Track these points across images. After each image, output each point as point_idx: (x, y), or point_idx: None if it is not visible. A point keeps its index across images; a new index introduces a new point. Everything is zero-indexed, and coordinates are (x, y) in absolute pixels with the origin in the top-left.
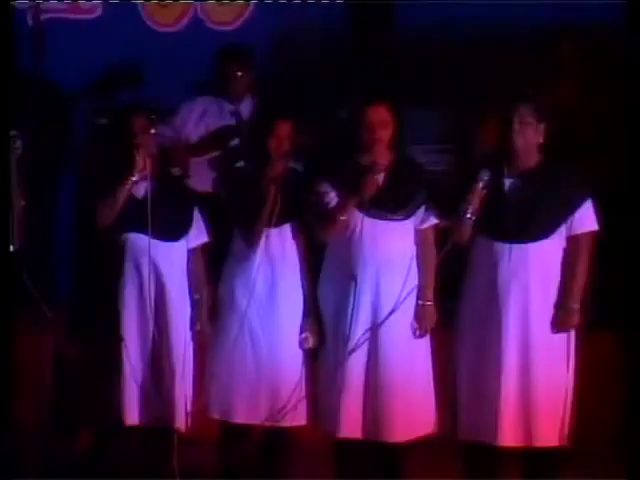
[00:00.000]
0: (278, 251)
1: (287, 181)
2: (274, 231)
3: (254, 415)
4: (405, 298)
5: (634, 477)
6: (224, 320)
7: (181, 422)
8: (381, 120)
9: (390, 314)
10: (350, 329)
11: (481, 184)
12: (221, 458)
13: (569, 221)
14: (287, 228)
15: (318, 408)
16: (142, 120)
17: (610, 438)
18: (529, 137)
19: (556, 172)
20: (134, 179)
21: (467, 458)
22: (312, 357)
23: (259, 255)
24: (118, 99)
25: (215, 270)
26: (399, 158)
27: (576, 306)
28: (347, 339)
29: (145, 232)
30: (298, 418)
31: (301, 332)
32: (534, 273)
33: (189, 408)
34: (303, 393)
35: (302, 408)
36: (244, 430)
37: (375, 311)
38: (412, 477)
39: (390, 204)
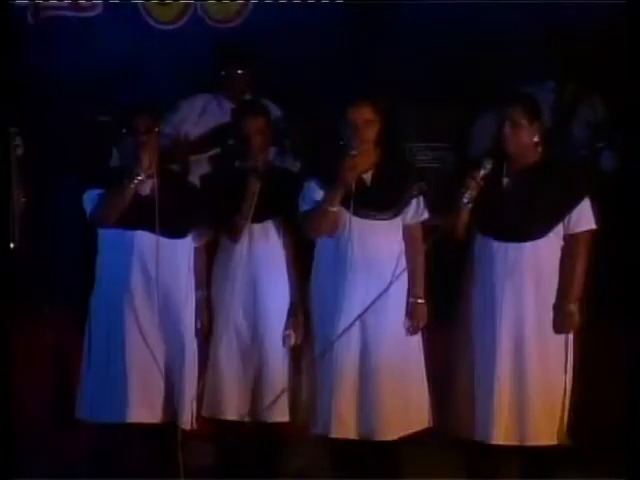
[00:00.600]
0: (261, 247)
1: (270, 176)
2: (257, 227)
3: (241, 412)
4: (395, 297)
5: (634, 477)
6: (213, 317)
7: (186, 420)
8: (366, 120)
9: (381, 313)
10: (341, 329)
11: (482, 172)
12: (217, 456)
13: (567, 220)
14: (270, 224)
15: (310, 408)
16: (146, 118)
17: (610, 438)
18: (522, 139)
19: (554, 170)
20: (140, 178)
21: (466, 457)
22: (297, 354)
23: (242, 251)
24: (120, 97)
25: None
26: (386, 157)
27: (574, 308)
28: (338, 339)
29: (151, 230)
30: (281, 415)
31: (285, 329)
32: (531, 272)
33: (194, 406)
34: (286, 390)
35: (285, 405)
36: (234, 427)
37: (365, 311)
38: (410, 476)
39: (377, 203)
